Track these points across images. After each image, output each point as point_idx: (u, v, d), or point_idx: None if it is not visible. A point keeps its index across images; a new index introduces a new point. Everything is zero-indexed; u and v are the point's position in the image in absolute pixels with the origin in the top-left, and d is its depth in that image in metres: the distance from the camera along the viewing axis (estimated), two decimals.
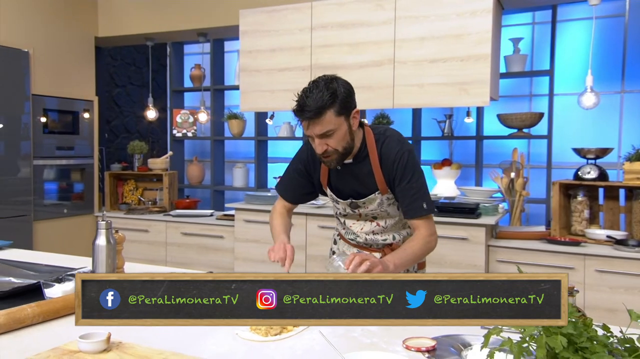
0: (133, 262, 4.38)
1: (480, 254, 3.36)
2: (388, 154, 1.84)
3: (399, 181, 1.83)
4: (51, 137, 4.22)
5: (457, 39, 3.46)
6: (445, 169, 4.51)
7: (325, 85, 1.68)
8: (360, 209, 1.94)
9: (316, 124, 1.68)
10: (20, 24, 3.99)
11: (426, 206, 1.86)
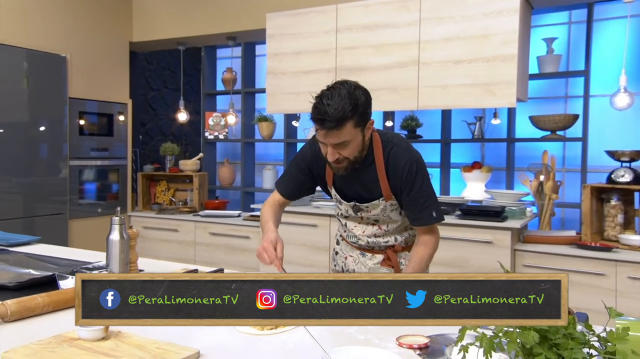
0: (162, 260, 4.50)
1: (506, 258, 3.29)
2: (396, 162, 1.81)
3: (408, 191, 1.81)
4: (87, 139, 4.38)
5: (482, 40, 3.40)
6: (475, 172, 4.45)
7: (347, 94, 1.63)
8: (362, 213, 1.93)
9: (333, 135, 1.64)
10: (59, 30, 4.17)
11: (435, 215, 1.85)
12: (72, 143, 4.25)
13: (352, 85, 1.68)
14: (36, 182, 4.01)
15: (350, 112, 1.62)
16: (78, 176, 4.34)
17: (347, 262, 2.08)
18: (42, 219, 4.03)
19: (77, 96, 4.28)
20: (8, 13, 3.85)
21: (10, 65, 3.82)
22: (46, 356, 1.16)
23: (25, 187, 3.95)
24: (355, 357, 1.18)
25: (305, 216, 3.82)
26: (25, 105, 3.93)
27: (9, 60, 3.81)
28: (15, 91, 3.86)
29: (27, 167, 3.96)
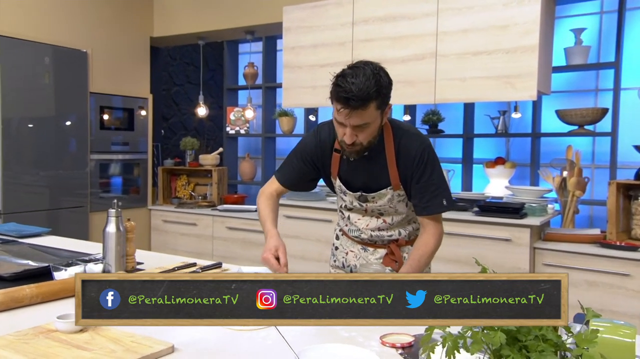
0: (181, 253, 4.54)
1: (524, 256, 3.18)
2: (407, 149, 1.76)
3: (419, 178, 1.76)
4: (108, 133, 4.45)
5: (502, 30, 3.29)
6: (499, 168, 4.33)
7: (372, 74, 1.56)
8: (368, 204, 1.86)
9: (357, 115, 1.58)
10: (80, 26, 4.24)
11: (446, 203, 1.79)
12: (93, 137, 4.33)
13: (376, 66, 1.62)
14: (60, 175, 4.09)
15: (375, 92, 1.56)
16: (99, 170, 4.41)
17: (348, 257, 2.01)
18: (65, 211, 4.12)
19: (99, 90, 4.35)
20: (30, 9, 3.93)
21: (32, 61, 3.90)
22: (19, 347, 1.15)
23: (50, 180, 4.04)
24: (330, 355, 1.14)
25: (321, 211, 3.78)
26: (46, 100, 4.01)
27: (30, 56, 3.89)
28: (37, 86, 3.94)
29: (51, 160, 4.05)
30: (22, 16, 3.87)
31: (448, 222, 3.36)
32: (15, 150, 3.80)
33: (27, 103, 3.88)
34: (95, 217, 4.35)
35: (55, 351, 1.14)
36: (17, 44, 3.79)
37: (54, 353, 1.13)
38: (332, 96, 1.62)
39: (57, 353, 1.13)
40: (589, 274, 3.06)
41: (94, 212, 4.36)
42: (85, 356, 1.12)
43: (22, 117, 3.87)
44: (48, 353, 1.13)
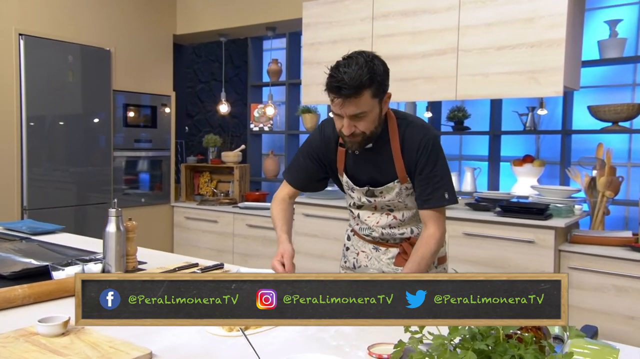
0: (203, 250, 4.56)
1: (549, 259, 3.05)
2: (411, 140, 1.72)
3: (422, 169, 1.71)
4: (131, 130, 4.50)
5: (527, 23, 3.16)
6: (527, 166, 4.18)
7: (365, 63, 1.55)
8: (376, 199, 1.81)
9: (351, 104, 1.57)
10: (103, 24, 4.29)
11: (448, 196, 1.73)
12: (116, 135, 4.38)
13: (370, 54, 1.61)
14: (83, 172, 4.16)
15: (368, 80, 1.55)
16: (123, 167, 4.47)
17: (359, 258, 1.95)
18: (87, 207, 4.19)
19: (122, 88, 4.40)
20: (53, 9, 4.00)
21: (55, 60, 3.97)
22: None
23: (74, 177, 4.11)
24: None
25: (339, 210, 3.73)
26: (70, 98, 4.08)
27: (54, 55, 3.96)
28: (61, 84, 4.01)
29: (75, 158, 4.12)
30: (46, 16, 3.94)
31: (468, 222, 3.26)
32: (39, 147, 3.89)
33: (50, 101, 3.95)
34: None
35: (31, 356, 1.12)
36: (41, 43, 3.87)
37: (27, 357, 1.11)
38: (326, 87, 1.61)
39: (31, 358, 1.11)
40: (618, 279, 2.91)
41: None
42: None
43: (46, 115, 3.95)
44: (23, 357, 1.11)
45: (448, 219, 3.29)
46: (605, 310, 2.93)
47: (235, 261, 4.44)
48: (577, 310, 3.01)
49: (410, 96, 3.60)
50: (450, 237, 3.32)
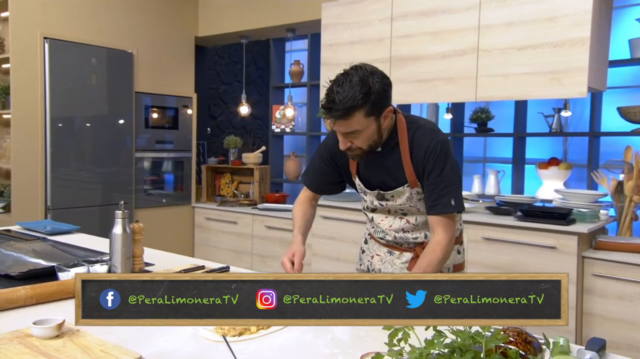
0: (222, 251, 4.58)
1: (571, 265, 2.95)
2: (420, 143, 1.69)
3: (429, 173, 1.68)
4: (152, 131, 4.55)
5: (549, 23, 3.06)
6: (552, 169, 4.06)
7: (359, 82, 1.53)
8: (387, 203, 1.79)
9: (342, 124, 1.57)
10: (126, 27, 4.35)
11: (454, 203, 1.68)
12: (138, 136, 4.44)
13: (368, 70, 1.58)
14: (105, 173, 4.23)
15: (360, 100, 1.52)
16: (144, 168, 4.53)
17: (373, 261, 1.94)
18: (110, 207, 4.25)
19: (144, 90, 4.46)
20: (77, 12, 4.07)
21: (79, 62, 4.04)
22: None
23: (96, 178, 4.18)
24: None
25: (357, 213, 3.69)
26: (93, 100, 4.15)
27: (78, 57, 4.03)
28: (84, 86, 4.08)
29: (97, 159, 4.19)
30: (70, 19, 4.02)
31: (488, 227, 3.18)
32: (62, 148, 3.96)
33: (74, 103, 4.03)
34: (140, 214, 4.46)
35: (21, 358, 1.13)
36: (65, 46, 3.95)
37: None
38: (320, 105, 1.64)
39: None
40: None
41: (139, 209, 4.47)
42: None
43: (69, 117, 4.02)
44: None
45: (468, 224, 3.24)
46: (630, 319, 2.82)
47: (254, 262, 4.45)
48: (599, 319, 2.91)
49: (430, 97, 3.54)
50: (469, 241, 3.24)
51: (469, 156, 5.00)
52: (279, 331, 1.36)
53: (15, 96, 3.75)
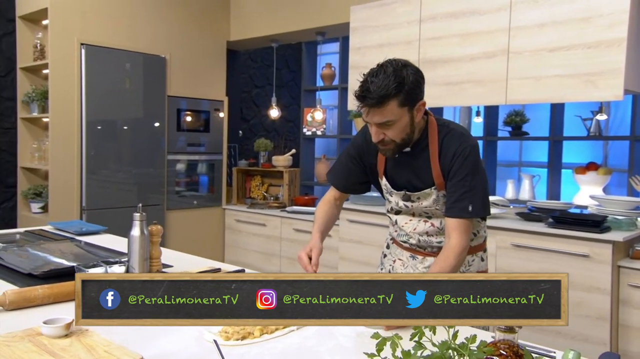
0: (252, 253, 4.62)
1: (605, 275, 2.84)
2: (449, 146, 1.70)
3: (453, 175, 1.68)
4: (184, 134, 4.63)
5: (584, 23, 2.96)
6: (590, 174, 3.92)
7: (393, 72, 1.56)
8: (413, 204, 1.78)
9: (376, 113, 1.59)
10: (160, 33, 4.45)
11: (471, 209, 1.67)
12: (170, 139, 4.53)
13: (401, 63, 1.61)
14: (138, 175, 4.34)
15: (394, 90, 1.55)
16: (175, 170, 4.61)
17: (395, 266, 1.92)
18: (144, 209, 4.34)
19: (176, 94, 4.54)
20: (112, 19, 4.19)
21: (113, 67, 4.16)
22: (0, 350, 1.19)
23: (129, 180, 4.29)
24: None
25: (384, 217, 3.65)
26: (126, 104, 4.26)
27: (112, 63, 4.15)
28: (118, 90, 4.19)
29: (130, 161, 4.30)
30: (106, 26, 4.14)
31: (518, 233, 3.10)
32: (97, 150, 4.08)
33: (108, 107, 4.14)
34: (171, 215, 4.55)
35: (27, 357, 1.16)
36: (100, 52, 4.07)
37: (24, 358, 1.15)
38: (354, 95, 1.63)
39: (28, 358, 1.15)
40: None
41: (170, 210, 4.56)
42: None
43: (104, 120, 4.14)
44: (21, 357, 1.15)
45: (497, 229, 3.16)
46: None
47: (283, 265, 4.47)
48: (636, 331, 2.79)
49: (458, 100, 3.48)
50: (497, 248, 3.17)
51: (503, 160, 4.88)
52: (282, 336, 1.35)
53: (54, 100, 3.89)
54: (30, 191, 4.13)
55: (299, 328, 1.40)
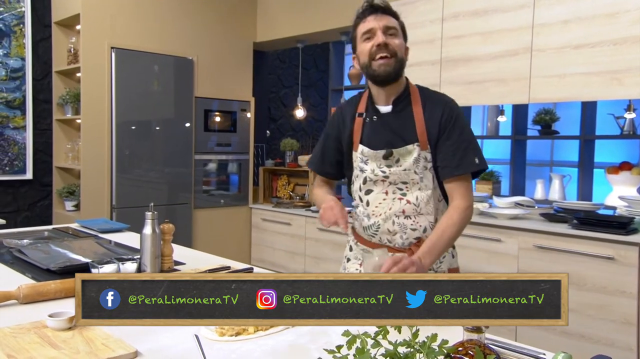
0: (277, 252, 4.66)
1: (632, 278, 2.76)
2: (435, 103, 1.71)
3: (449, 133, 1.67)
4: (211, 134, 4.73)
5: (609, 19, 2.88)
6: (624, 174, 3.81)
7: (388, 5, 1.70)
8: (391, 169, 1.69)
9: (383, 17, 1.66)
10: (187, 35, 4.55)
11: (478, 161, 1.67)
12: (198, 139, 4.63)
13: None
14: (167, 175, 4.46)
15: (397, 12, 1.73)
16: (203, 170, 4.71)
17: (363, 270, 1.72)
18: (170, 207, 4.46)
19: (203, 95, 4.64)
20: (141, 23, 4.31)
21: (142, 70, 4.28)
22: (6, 341, 1.26)
23: (158, 179, 4.41)
24: None
25: None
26: (155, 105, 4.37)
27: (141, 65, 4.27)
28: (146, 92, 4.32)
29: (159, 161, 4.42)
30: (135, 30, 4.26)
31: (541, 234, 3.04)
32: (127, 151, 4.21)
33: (137, 108, 4.27)
34: (198, 214, 4.65)
35: (30, 347, 1.22)
36: (129, 55, 4.19)
37: (28, 348, 1.21)
38: (356, 21, 1.72)
39: (30, 349, 1.21)
40: None
41: (197, 209, 4.67)
42: (50, 354, 1.19)
43: (133, 121, 4.27)
44: (23, 348, 1.22)
45: (518, 230, 3.10)
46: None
47: (307, 264, 4.50)
48: None
49: (481, 99, 3.43)
50: (520, 249, 3.11)
51: (533, 159, 4.79)
52: (276, 333, 1.38)
53: (85, 102, 4.04)
54: (64, 190, 4.30)
55: None
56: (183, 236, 4.32)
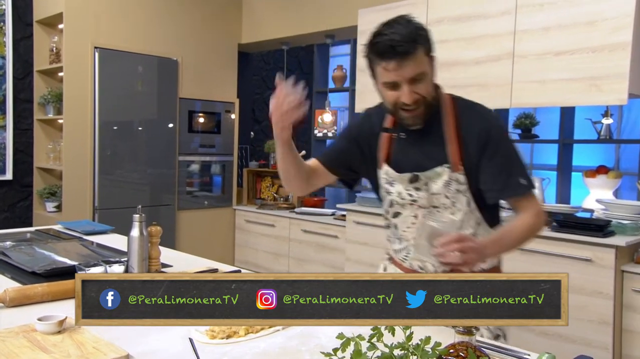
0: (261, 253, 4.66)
1: (608, 279, 2.83)
2: (472, 117, 1.51)
3: (490, 152, 1.48)
4: (195, 136, 4.71)
5: (588, 27, 2.95)
6: (600, 178, 3.89)
7: (408, 22, 1.44)
8: (419, 193, 1.54)
9: (408, 64, 1.38)
10: (172, 36, 4.54)
11: (526, 182, 1.50)
12: (181, 139, 4.61)
13: (407, 15, 1.49)
14: (149, 176, 4.43)
15: (418, 35, 1.41)
16: (186, 171, 4.70)
17: None
18: (153, 208, 4.44)
19: (187, 96, 4.62)
20: (125, 23, 4.28)
21: (126, 70, 4.25)
22: None
23: (140, 180, 4.38)
24: None
25: None
26: (138, 106, 4.35)
27: (125, 66, 4.24)
28: (130, 93, 4.29)
29: (142, 162, 4.40)
30: (119, 29, 4.24)
31: None
32: (110, 151, 4.18)
33: (120, 109, 4.24)
34: (182, 215, 4.63)
35: (19, 351, 1.22)
36: (113, 55, 4.16)
37: (17, 352, 1.21)
38: (373, 56, 1.45)
39: (19, 353, 1.21)
40: None
41: (181, 210, 4.65)
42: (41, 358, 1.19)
43: (116, 122, 4.24)
44: (11, 352, 1.21)
45: None
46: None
47: (291, 265, 4.51)
48: (639, 336, 2.77)
49: None
50: None
51: None
52: (267, 336, 1.39)
53: (68, 102, 3.99)
54: (45, 191, 4.25)
55: (284, 327, 1.44)
56: (166, 238, 4.27)
